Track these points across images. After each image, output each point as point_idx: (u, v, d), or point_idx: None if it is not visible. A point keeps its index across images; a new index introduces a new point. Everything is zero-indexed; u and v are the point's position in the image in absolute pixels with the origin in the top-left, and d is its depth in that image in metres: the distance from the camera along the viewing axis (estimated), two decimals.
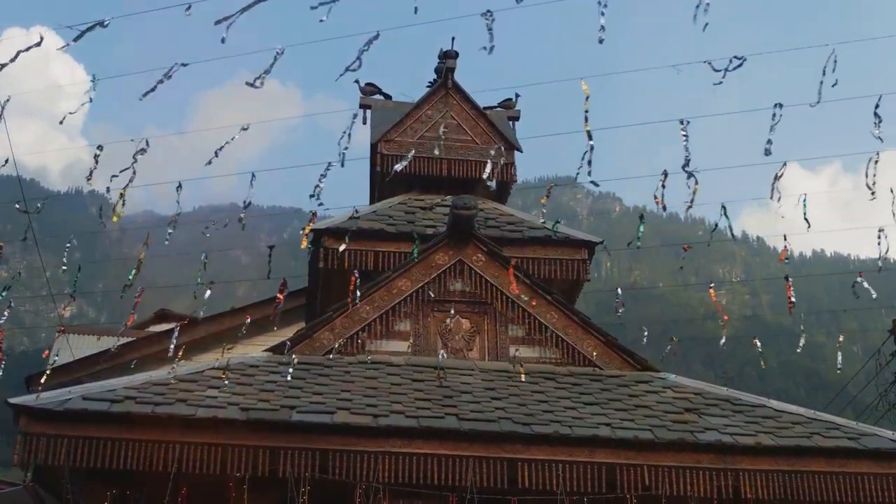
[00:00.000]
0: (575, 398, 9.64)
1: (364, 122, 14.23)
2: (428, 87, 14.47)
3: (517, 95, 14.45)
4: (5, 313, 9.35)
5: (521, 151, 13.22)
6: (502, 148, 13.16)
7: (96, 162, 8.73)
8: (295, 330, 16.19)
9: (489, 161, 12.83)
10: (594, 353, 10.75)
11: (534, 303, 10.86)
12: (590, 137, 8.12)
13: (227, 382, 9.18)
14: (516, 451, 8.60)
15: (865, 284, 9.81)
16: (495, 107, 14.18)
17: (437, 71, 14.50)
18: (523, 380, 10.00)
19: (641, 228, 9.71)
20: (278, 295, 10.06)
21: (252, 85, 7.98)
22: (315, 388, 9.38)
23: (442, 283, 10.97)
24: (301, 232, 10.30)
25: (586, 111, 8.18)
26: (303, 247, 10.59)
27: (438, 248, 11.05)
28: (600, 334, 10.84)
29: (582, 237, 11.90)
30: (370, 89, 14.26)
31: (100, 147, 8.83)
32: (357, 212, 12.13)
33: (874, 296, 10.01)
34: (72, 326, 20.83)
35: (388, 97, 14.28)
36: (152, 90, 8.26)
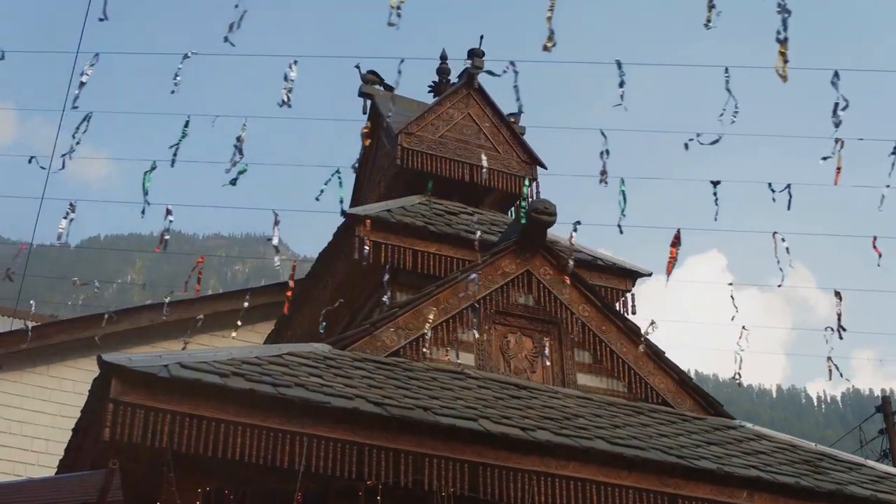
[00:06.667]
0: (686, 436, 8.62)
1: (364, 112, 12.80)
2: (429, 89, 13.27)
3: (520, 111, 13.44)
4: None
5: (546, 168, 12.18)
6: (525, 162, 12.15)
7: None
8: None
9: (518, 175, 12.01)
10: (666, 391, 9.80)
11: (604, 328, 9.82)
12: None
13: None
14: (677, 485, 7.48)
15: None
16: None
17: (438, 72, 13.32)
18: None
19: None
20: None
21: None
22: (419, 391, 7.89)
23: (507, 294, 9.72)
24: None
25: None
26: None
27: (505, 255, 9.80)
28: (674, 371, 9.87)
29: (628, 266, 10.95)
30: (371, 78, 12.86)
31: None
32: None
33: None
34: None
35: (389, 88, 12.90)
36: None
